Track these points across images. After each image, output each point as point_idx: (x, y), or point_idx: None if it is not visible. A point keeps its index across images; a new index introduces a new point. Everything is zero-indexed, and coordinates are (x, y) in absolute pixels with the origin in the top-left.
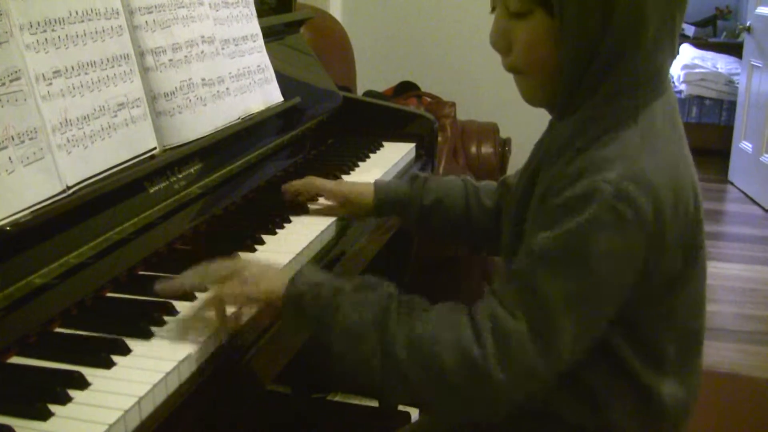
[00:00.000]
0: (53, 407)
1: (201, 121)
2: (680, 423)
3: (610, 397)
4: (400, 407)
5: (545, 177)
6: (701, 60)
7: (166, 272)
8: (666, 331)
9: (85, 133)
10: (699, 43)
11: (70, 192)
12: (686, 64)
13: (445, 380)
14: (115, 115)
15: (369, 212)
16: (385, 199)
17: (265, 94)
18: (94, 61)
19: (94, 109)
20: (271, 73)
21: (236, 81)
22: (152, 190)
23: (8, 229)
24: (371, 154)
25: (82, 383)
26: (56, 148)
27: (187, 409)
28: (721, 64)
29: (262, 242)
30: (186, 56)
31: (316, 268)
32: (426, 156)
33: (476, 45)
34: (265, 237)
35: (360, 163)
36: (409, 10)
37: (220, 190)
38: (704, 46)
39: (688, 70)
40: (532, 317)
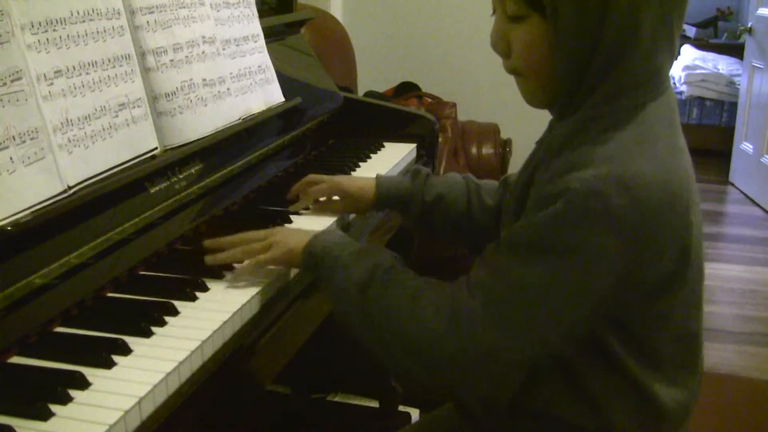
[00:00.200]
0: (54, 407)
1: (202, 121)
2: (680, 424)
3: (610, 398)
4: (401, 408)
5: (542, 176)
6: (702, 61)
7: (166, 272)
8: (662, 332)
9: (86, 133)
10: (700, 44)
11: (71, 192)
12: (687, 65)
13: (407, 345)
14: (116, 116)
15: (369, 207)
16: (386, 194)
17: (266, 95)
18: (95, 61)
19: (95, 109)
20: (272, 74)
21: (237, 81)
22: (153, 191)
23: (9, 229)
24: (372, 155)
25: (83, 383)
26: (57, 148)
27: (188, 410)
28: (722, 65)
29: None
30: (187, 56)
31: (332, 232)
32: (427, 156)
33: (477, 46)
34: None
35: (361, 164)
36: (410, 10)
37: (220, 190)
38: (705, 47)
39: (689, 71)
40: (488, 299)
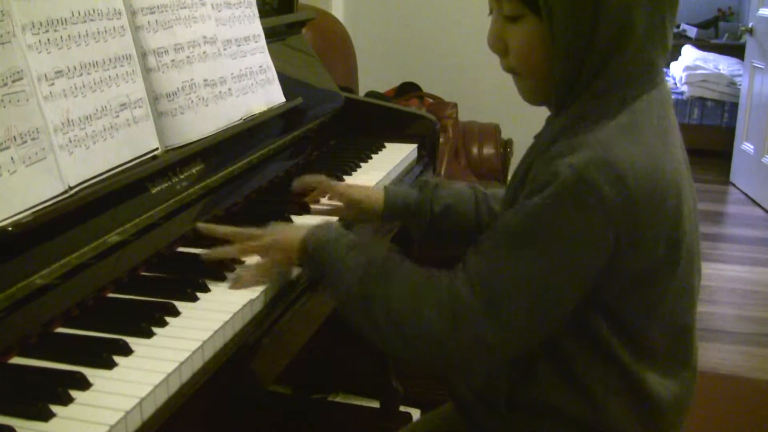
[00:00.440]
0: (54, 408)
1: (203, 121)
2: (676, 418)
3: (605, 389)
4: (402, 408)
5: (537, 167)
6: (703, 61)
7: (167, 273)
8: (653, 323)
9: (87, 134)
10: (701, 45)
11: (72, 192)
12: (688, 66)
13: (409, 340)
14: (117, 116)
15: (376, 217)
16: (394, 206)
17: (267, 95)
18: (96, 62)
19: (96, 110)
20: (273, 74)
21: (238, 81)
22: (154, 191)
23: (10, 229)
24: (373, 155)
25: (84, 384)
26: (58, 148)
27: (189, 410)
28: (723, 65)
29: None
30: (188, 57)
31: (327, 226)
32: (427, 157)
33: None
34: None
35: (362, 164)
36: (411, 11)
37: (221, 190)
38: (706, 47)
39: (690, 72)
40: (483, 287)
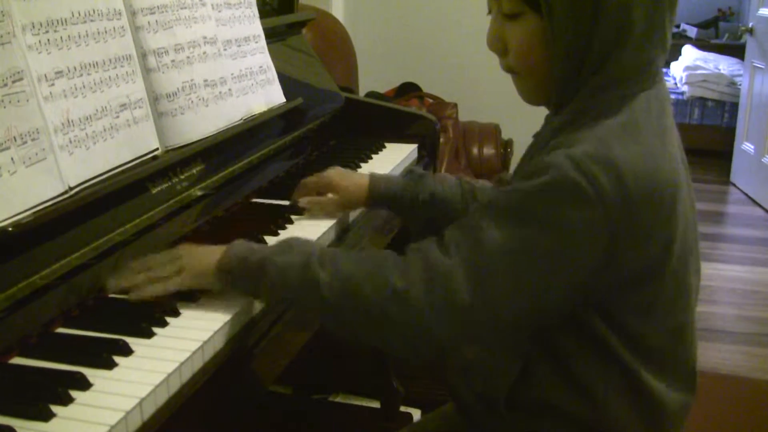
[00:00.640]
0: (55, 408)
1: (203, 122)
2: (678, 417)
3: (605, 388)
4: (402, 408)
5: None
6: (703, 61)
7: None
8: (649, 324)
9: (87, 134)
10: (701, 45)
11: (72, 193)
12: (688, 66)
13: (371, 315)
14: (117, 116)
15: (361, 204)
16: (379, 192)
17: (267, 95)
18: (97, 62)
19: (96, 110)
20: (274, 74)
21: (238, 82)
22: (154, 191)
23: (10, 229)
24: (373, 155)
25: (84, 384)
26: (58, 148)
27: (189, 410)
28: (724, 65)
29: (264, 243)
30: (188, 57)
31: (241, 243)
32: (428, 157)
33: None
34: (267, 238)
35: (362, 164)
36: (411, 11)
37: (222, 191)
38: (706, 47)
39: (690, 72)
40: (467, 257)
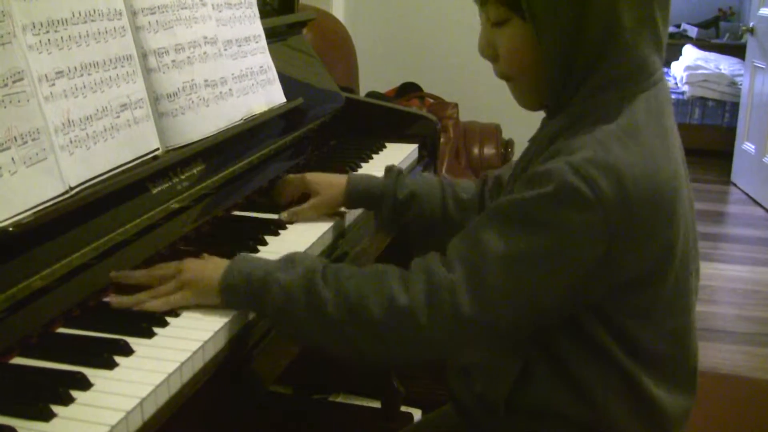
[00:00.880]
0: (55, 408)
1: (204, 122)
2: (678, 419)
3: (604, 392)
4: (403, 408)
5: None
6: (704, 61)
7: None
8: (647, 326)
9: (87, 134)
10: (702, 45)
11: (73, 193)
12: (689, 66)
13: (376, 331)
14: (118, 116)
15: (339, 204)
16: (357, 191)
17: (267, 95)
18: (97, 62)
19: (97, 110)
20: (274, 74)
21: (239, 82)
22: (155, 191)
23: (11, 229)
24: (374, 155)
25: (85, 384)
26: (59, 148)
27: (190, 411)
28: (724, 65)
29: (265, 243)
30: (189, 57)
31: (249, 257)
32: (428, 157)
33: None
34: (268, 238)
35: (363, 164)
36: (412, 11)
37: (222, 191)
38: (707, 47)
39: (691, 72)
40: (468, 266)
